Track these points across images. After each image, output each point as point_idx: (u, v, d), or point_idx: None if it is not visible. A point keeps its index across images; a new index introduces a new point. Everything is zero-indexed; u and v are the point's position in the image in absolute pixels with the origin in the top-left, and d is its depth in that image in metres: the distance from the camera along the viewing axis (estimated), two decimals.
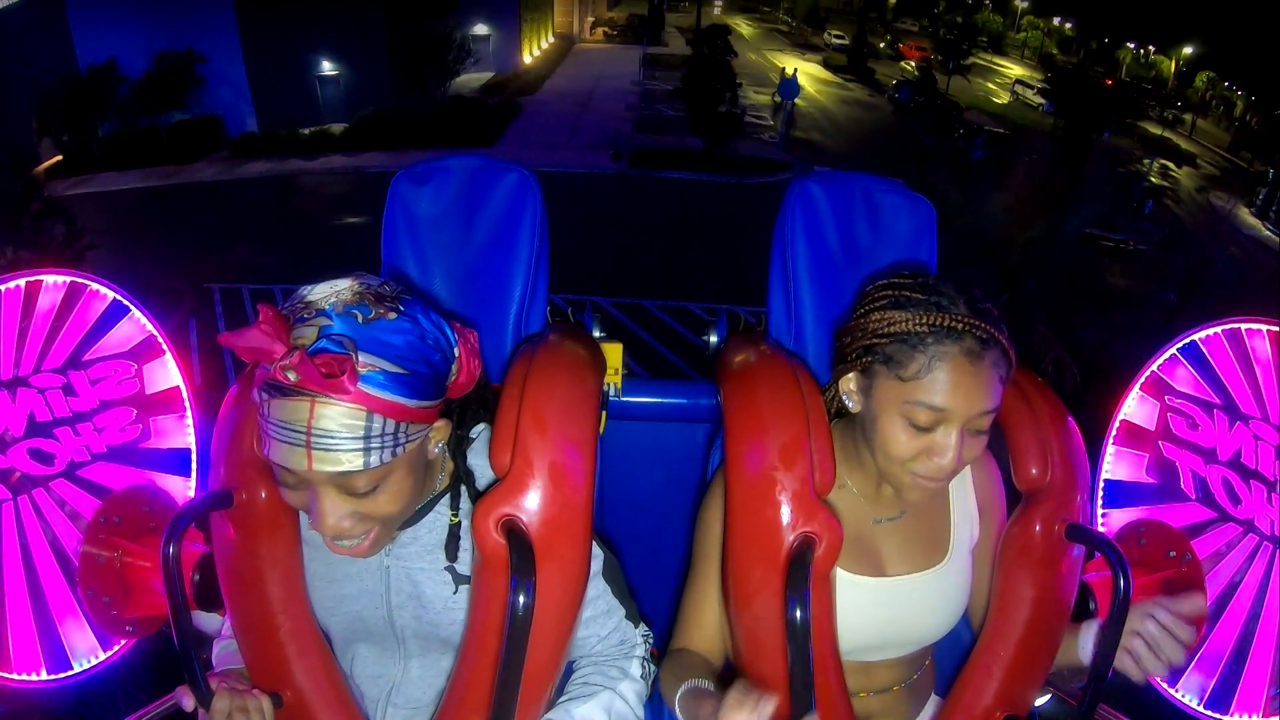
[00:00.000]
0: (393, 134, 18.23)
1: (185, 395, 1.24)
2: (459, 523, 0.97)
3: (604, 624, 1.03)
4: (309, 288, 0.84)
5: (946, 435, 0.93)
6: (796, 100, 20.08)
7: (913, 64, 33.62)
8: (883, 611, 1.05)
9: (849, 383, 1.01)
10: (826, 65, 32.39)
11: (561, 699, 1.00)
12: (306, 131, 18.74)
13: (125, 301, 1.23)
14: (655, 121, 21.70)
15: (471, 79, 23.73)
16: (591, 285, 11.95)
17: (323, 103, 20.39)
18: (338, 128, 19.08)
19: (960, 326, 0.91)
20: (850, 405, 1.01)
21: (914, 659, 1.12)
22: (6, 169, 9.54)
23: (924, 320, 0.92)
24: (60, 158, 10.74)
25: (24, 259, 9.42)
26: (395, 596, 1.00)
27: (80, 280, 1.21)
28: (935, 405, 0.92)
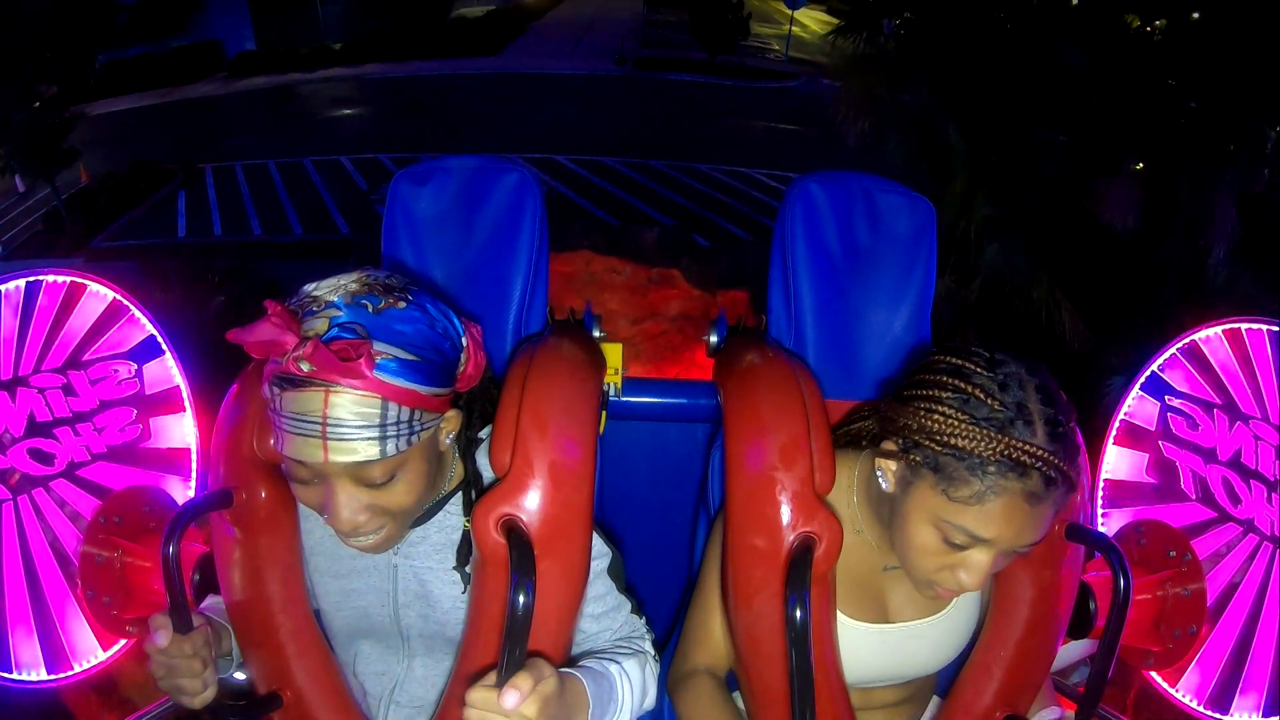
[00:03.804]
0: (394, 47, 17.88)
1: (185, 395, 1.24)
2: (470, 529, 0.95)
3: (614, 618, 1.02)
4: (313, 284, 0.83)
5: (981, 556, 0.87)
6: (800, 33, 20.23)
7: None
8: (882, 657, 1.03)
9: (888, 465, 0.92)
10: (830, 12, 32.83)
11: (594, 656, 0.98)
12: (305, 50, 18.59)
13: (125, 301, 1.23)
14: (659, 39, 21.61)
15: (473, 10, 23.64)
16: (599, 151, 12.36)
17: (323, 22, 20.03)
18: (339, 46, 18.93)
19: (1029, 462, 0.81)
20: (884, 485, 0.94)
21: (915, 683, 1.11)
22: None
23: (991, 447, 0.81)
24: (56, 89, 10.69)
25: (13, 119, 9.51)
26: (402, 595, 1.00)
27: (80, 280, 1.21)
28: (977, 535, 0.85)
